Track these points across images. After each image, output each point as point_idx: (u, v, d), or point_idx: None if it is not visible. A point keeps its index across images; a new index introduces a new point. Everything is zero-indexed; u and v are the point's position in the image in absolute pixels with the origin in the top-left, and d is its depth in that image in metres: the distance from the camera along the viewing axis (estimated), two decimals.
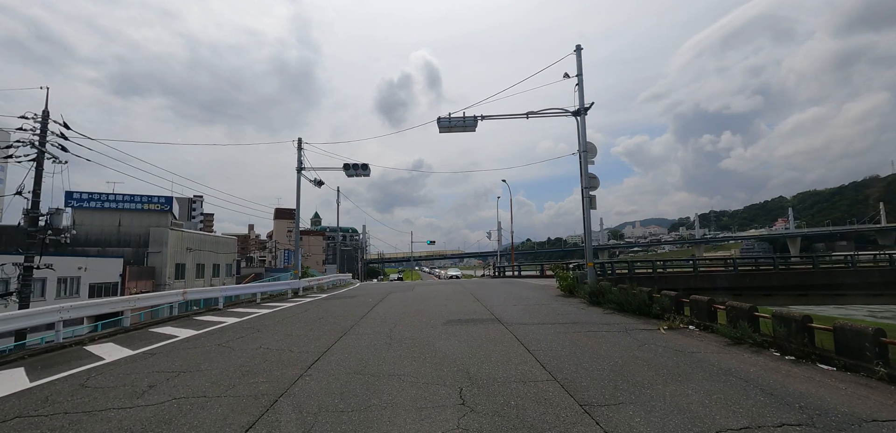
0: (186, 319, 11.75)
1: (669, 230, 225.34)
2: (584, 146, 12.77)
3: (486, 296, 15.10)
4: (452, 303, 13.39)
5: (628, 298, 10.22)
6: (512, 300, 13.59)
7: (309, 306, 14.06)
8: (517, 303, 12.78)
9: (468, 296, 15.43)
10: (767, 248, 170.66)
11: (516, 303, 12.78)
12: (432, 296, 15.90)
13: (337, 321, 10.31)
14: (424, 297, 15.72)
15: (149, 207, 35.22)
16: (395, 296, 16.49)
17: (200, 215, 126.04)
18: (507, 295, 15.57)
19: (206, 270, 40.97)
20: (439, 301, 14.17)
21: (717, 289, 20.23)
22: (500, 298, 14.31)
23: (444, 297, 15.42)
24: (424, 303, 13.78)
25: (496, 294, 16.11)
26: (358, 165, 20.54)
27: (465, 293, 17.06)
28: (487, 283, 23.58)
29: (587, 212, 13.01)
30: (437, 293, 17.59)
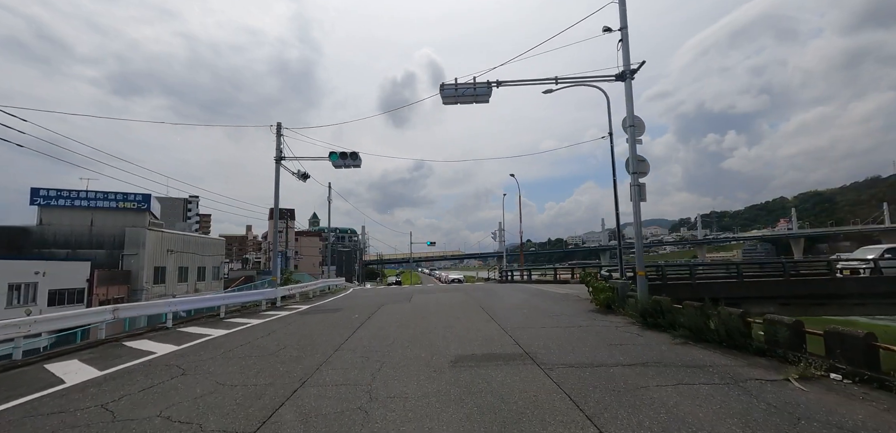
0: (108, 347, 8.75)
1: (670, 230, 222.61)
2: (631, 119, 9.76)
3: (501, 311, 12.11)
4: (459, 321, 10.40)
5: (706, 322, 7.25)
6: (536, 317, 10.60)
7: (277, 326, 11.05)
8: (544, 322, 9.80)
9: (477, 310, 12.44)
10: (770, 249, 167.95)
11: (543, 322, 9.79)
12: (433, 311, 12.89)
13: (303, 353, 7.31)
14: (424, 312, 12.72)
15: (124, 206, 32.19)
16: (387, 311, 13.47)
17: (196, 216, 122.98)
18: (526, 308, 12.57)
19: (189, 274, 37.94)
20: (442, 318, 11.17)
21: (764, 299, 17.27)
22: (520, 314, 11.31)
23: (448, 312, 12.42)
24: (423, 320, 10.78)
25: (512, 307, 13.11)
26: (347, 154, 17.57)
27: (473, 304, 14.07)
28: (495, 290, 20.61)
29: (637, 204, 10.01)
30: (439, 305, 14.59)
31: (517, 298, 15.73)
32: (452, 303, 14.68)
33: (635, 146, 9.81)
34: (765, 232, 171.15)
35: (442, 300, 16.18)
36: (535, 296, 16.53)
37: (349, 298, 18.85)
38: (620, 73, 9.80)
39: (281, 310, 15.20)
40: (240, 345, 8.37)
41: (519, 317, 10.83)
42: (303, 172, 19.67)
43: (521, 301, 14.67)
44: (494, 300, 15.40)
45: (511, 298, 15.81)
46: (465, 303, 14.78)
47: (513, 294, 17.83)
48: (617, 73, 9.85)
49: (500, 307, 13.05)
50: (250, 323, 11.79)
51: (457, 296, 17.93)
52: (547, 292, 17.82)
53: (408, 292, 21.63)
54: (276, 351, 7.67)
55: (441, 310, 12.78)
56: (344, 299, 18.30)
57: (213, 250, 42.64)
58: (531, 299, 15.16)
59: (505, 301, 14.93)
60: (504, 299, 15.55)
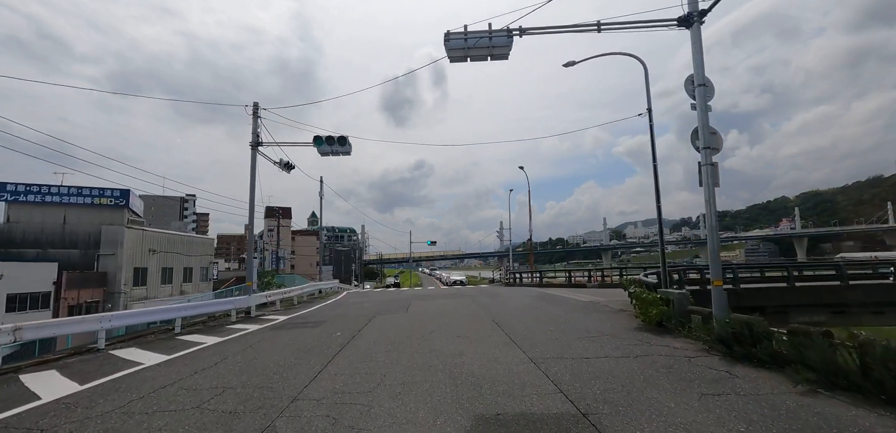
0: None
1: (672, 230, 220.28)
2: (700, 77, 7.21)
3: (520, 327, 9.61)
4: (470, 345, 7.89)
5: (849, 360, 4.77)
6: (569, 339, 8.09)
7: (234, 350, 8.54)
8: (583, 348, 7.30)
9: (490, 326, 9.93)
10: (773, 249, 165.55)
11: (581, 348, 7.29)
12: (435, 326, 10.38)
13: (241, 405, 4.80)
14: (423, 328, 10.21)
15: (101, 202, 29.67)
16: (378, 324, 10.96)
17: (193, 215, 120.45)
18: (550, 323, 10.06)
19: (174, 275, 35.41)
20: (447, 338, 8.66)
21: (816, 307, 14.79)
22: (545, 332, 8.81)
23: (454, 328, 9.91)
24: (423, 342, 8.28)
25: (533, 320, 10.60)
26: (333, 139, 15.07)
27: (483, 316, 11.57)
28: (504, 295, 18.11)
29: (710, 189, 7.41)
30: (442, 316, 12.09)
31: (535, 307, 13.22)
32: (457, 314, 12.19)
33: (706, 114, 7.26)
34: (767, 231, 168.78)
35: (444, 309, 13.68)
36: (553, 304, 14.03)
37: (337, 306, 16.34)
38: (685, 16, 7.25)
39: (253, 322, 12.69)
40: (164, 387, 5.86)
41: (545, 336, 8.33)
42: (286, 162, 17.17)
43: (541, 312, 12.16)
44: (507, 309, 12.90)
45: (529, 309, 13.30)
46: (472, 313, 12.28)
47: (527, 301, 15.32)
48: (681, 16, 7.29)
49: (518, 321, 10.55)
50: (205, 343, 9.29)
51: (461, 303, 15.42)
52: (566, 300, 15.31)
53: (406, 298, 19.13)
54: (204, 401, 5.16)
55: (444, 325, 10.27)
56: (331, 307, 15.80)
57: (202, 250, 40.08)
58: (551, 308, 12.67)
59: (521, 311, 12.44)
60: (520, 310, 13.04)
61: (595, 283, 20.81)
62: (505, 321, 10.53)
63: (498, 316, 11.50)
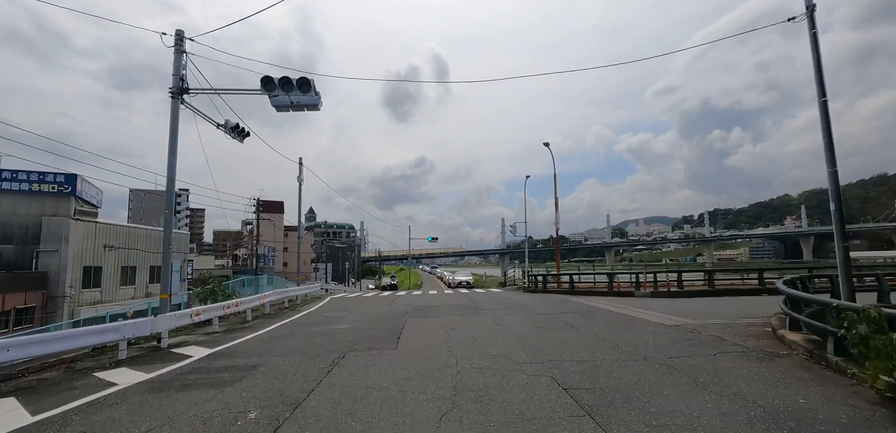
0: None
1: (673, 228, 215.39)
2: None
3: (621, 401, 4.56)
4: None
5: None
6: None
7: None
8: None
9: (563, 407, 4.88)
10: (778, 248, 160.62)
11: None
12: (445, 392, 5.29)
13: None
14: (421, 407, 5.12)
15: (41, 188, 24.62)
16: (342, 384, 5.87)
17: (187, 210, 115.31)
18: (686, 394, 4.99)
19: (138, 275, 30.37)
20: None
21: None
22: (683, 423, 3.78)
23: (488, 408, 4.83)
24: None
25: (633, 383, 5.53)
26: (290, 82, 10.01)
27: (526, 364, 6.50)
28: (538, 311, 13.09)
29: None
30: (453, 358, 7.04)
31: (607, 342, 8.15)
32: (480, 353, 7.15)
33: None
34: (773, 229, 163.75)
35: (458, 338, 8.63)
36: (627, 331, 8.96)
37: (296, 329, 11.29)
38: None
39: (142, 364, 7.65)
40: None
41: None
42: (234, 124, 12.12)
43: (628, 353, 7.09)
44: (563, 344, 7.85)
45: (596, 340, 8.24)
46: (506, 352, 7.23)
47: (579, 323, 10.26)
48: None
49: (607, 378, 5.48)
50: None
51: (480, 324, 10.38)
52: (637, 322, 10.25)
53: (400, 310, 14.10)
54: None
55: (464, 392, 5.21)
56: (286, 334, 10.75)
57: (175, 245, 34.95)
58: (635, 341, 7.58)
59: (590, 347, 7.38)
60: (586, 341, 8.00)
61: (646, 290, 15.79)
62: (584, 383, 5.47)
63: (558, 364, 6.45)
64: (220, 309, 11.31)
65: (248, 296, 13.59)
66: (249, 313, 12.80)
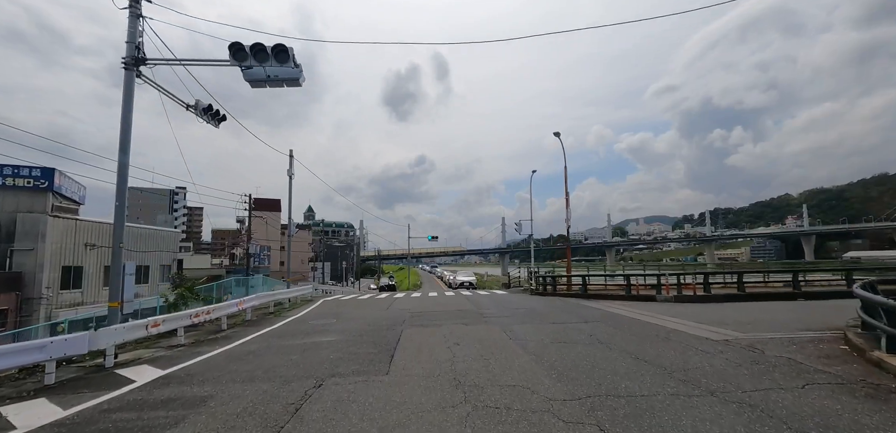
0: None
1: (674, 227, 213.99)
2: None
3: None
4: None
5: None
6: None
7: None
8: None
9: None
10: (779, 247, 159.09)
11: None
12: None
13: None
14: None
15: (15, 182, 23.02)
16: (315, 429, 4.27)
17: (184, 208, 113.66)
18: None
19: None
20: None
21: None
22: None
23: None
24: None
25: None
26: (264, 50, 8.41)
27: (586, 425, 4.93)
28: (553, 319, 11.52)
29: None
30: (461, 392, 5.45)
31: (648, 357, 6.56)
32: (495, 382, 5.57)
33: None
34: (774, 229, 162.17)
35: (463, 358, 7.05)
36: (665, 345, 7.38)
37: (274, 341, 9.71)
38: None
39: (61, 395, 6.07)
40: None
41: None
42: (206, 105, 10.52)
43: (684, 375, 5.50)
44: (603, 370, 6.25)
45: (635, 360, 6.65)
46: (527, 381, 5.65)
47: (611, 336, 8.68)
48: None
49: (675, 427, 3.91)
50: None
51: (489, 337, 8.80)
52: (672, 333, 8.66)
53: (396, 316, 12.53)
54: None
55: None
56: (255, 347, 9.16)
57: (163, 244, 33.40)
58: (684, 362, 5.93)
59: (635, 374, 5.78)
60: (624, 366, 6.41)
61: (669, 295, 14.20)
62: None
63: (601, 402, 4.85)
64: (187, 318, 9.70)
65: (225, 302, 11.99)
66: (225, 321, 11.20)
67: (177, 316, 9.40)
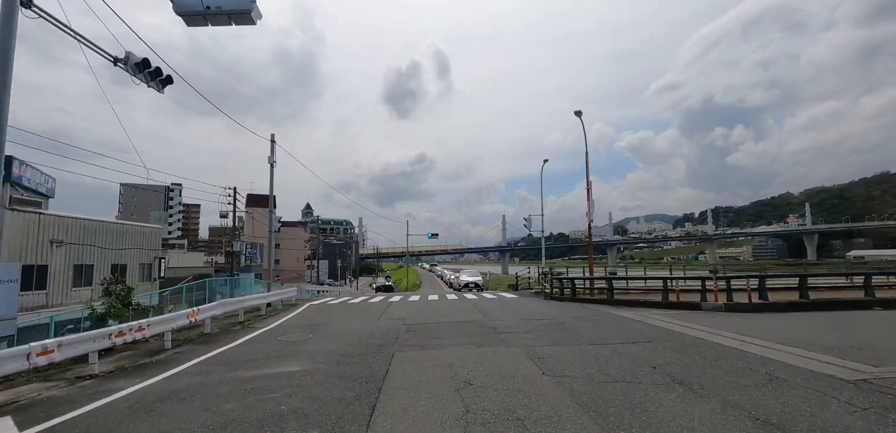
0: None
1: (674, 225, 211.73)
2: None
3: None
4: None
5: None
6: None
7: None
8: None
9: None
10: (781, 246, 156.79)
11: None
12: None
13: None
14: None
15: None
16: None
17: (180, 205, 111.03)
18: None
19: (96, 274, 26.23)
20: None
21: None
22: None
23: None
24: None
25: None
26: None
27: None
28: (591, 337, 8.97)
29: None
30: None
31: (758, 412, 4.07)
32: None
33: None
34: (777, 227, 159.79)
35: (481, 410, 4.55)
36: (775, 388, 4.84)
37: (216, 373, 7.17)
38: None
39: None
40: None
41: None
42: (140, 60, 8.03)
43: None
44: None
45: (744, 416, 4.11)
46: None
47: (685, 369, 6.15)
48: None
49: None
50: None
51: (513, 370, 6.26)
52: (764, 363, 6.12)
53: (387, 334, 10.00)
54: None
55: None
56: (184, 385, 6.63)
57: (145, 241, 30.84)
58: (821, 422, 3.52)
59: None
60: (730, 428, 3.86)
61: (718, 303, 11.66)
62: None
63: None
64: (105, 338, 7.15)
65: (169, 313, 9.42)
66: (169, 338, 8.66)
67: (82, 338, 6.84)
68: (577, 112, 15.87)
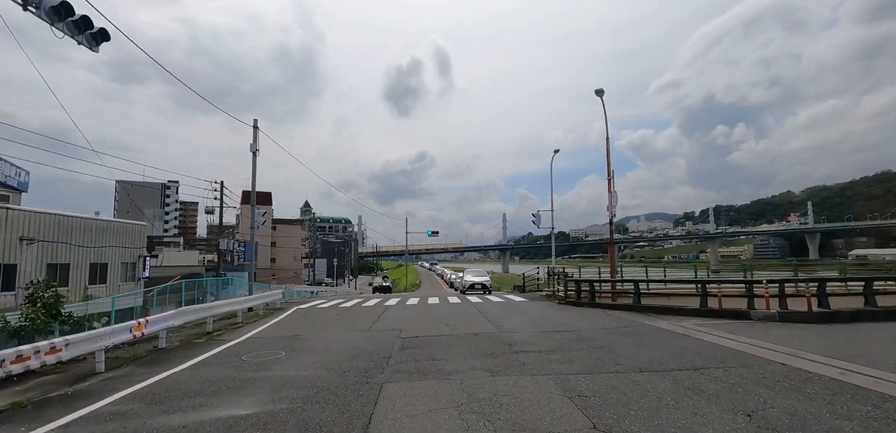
0: None
1: (675, 224, 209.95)
2: None
3: None
4: None
5: None
6: None
7: None
8: None
9: None
10: (783, 245, 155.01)
11: None
12: None
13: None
14: None
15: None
16: None
17: (176, 203, 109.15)
18: None
19: (73, 274, 24.37)
20: None
21: None
22: None
23: None
24: None
25: None
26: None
27: None
28: (634, 360, 7.13)
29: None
30: None
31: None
32: None
33: None
34: (778, 226, 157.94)
35: None
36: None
37: (139, 414, 5.35)
38: None
39: None
40: None
41: None
42: (58, 4, 6.14)
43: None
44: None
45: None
46: None
47: (791, 417, 4.32)
48: None
49: None
50: None
51: (549, 420, 4.43)
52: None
53: (377, 354, 8.16)
54: None
55: None
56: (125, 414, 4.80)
57: (128, 239, 28.96)
58: None
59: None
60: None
61: (770, 310, 9.81)
62: None
63: None
64: (37, 354, 5.29)
65: (99, 329, 7.53)
66: (102, 359, 6.83)
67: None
68: (598, 91, 13.95)
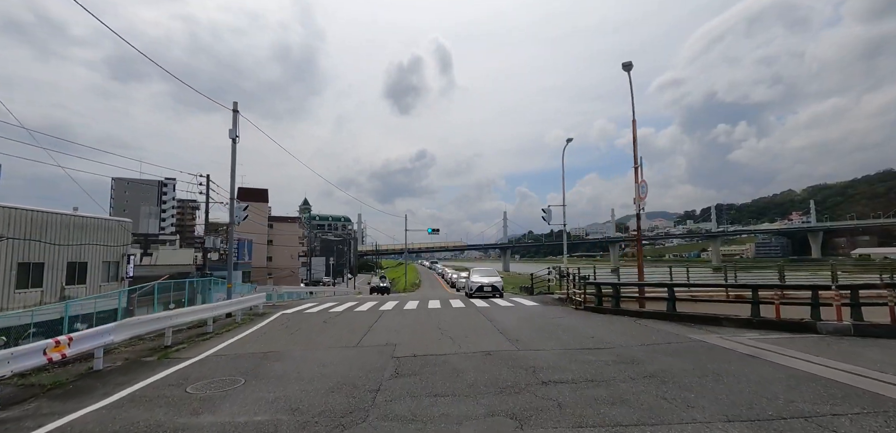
0: None
1: (676, 223, 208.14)
2: None
3: None
4: None
5: None
6: None
7: None
8: None
9: None
10: (785, 244, 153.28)
11: None
12: None
13: None
14: None
15: None
16: None
17: (173, 201, 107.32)
18: None
19: (48, 273, 22.63)
20: None
21: None
22: None
23: None
24: None
25: None
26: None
27: None
28: (728, 413, 5.40)
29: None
30: None
31: None
32: None
33: None
34: (780, 225, 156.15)
35: None
36: None
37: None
38: None
39: None
40: None
41: None
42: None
43: None
44: None
45: None
46: None
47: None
48: None
49: None
50: None
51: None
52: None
53: (361, 387, 6.38)
54: None
55: None
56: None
57: (111, 236, 27.19)
58: None
59: None
60: None
61: (841, 321, 8.08)
62: None
63: None
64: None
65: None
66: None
67: None
68: (626, 65, 12.13)
